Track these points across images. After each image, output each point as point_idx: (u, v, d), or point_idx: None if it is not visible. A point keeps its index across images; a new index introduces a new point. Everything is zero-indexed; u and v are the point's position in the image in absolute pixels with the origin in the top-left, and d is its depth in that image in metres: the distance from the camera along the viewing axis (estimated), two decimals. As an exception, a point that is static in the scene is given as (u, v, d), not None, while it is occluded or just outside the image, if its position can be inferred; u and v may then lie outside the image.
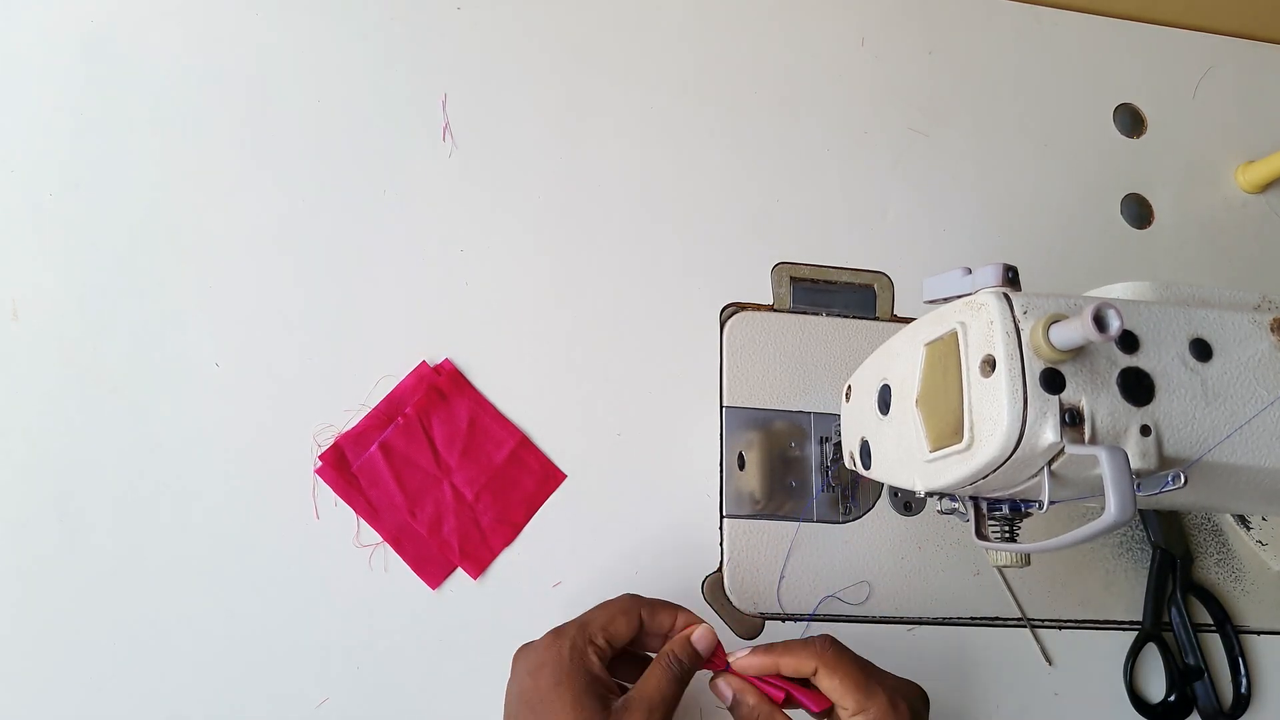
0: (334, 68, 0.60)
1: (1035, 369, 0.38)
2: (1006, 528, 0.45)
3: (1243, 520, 0.61)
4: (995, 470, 0.39)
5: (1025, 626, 0.58)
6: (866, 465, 0.49)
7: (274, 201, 0.57)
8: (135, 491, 0.51)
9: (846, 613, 0.56)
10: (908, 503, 0.59)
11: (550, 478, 0.55)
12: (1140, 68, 0.73)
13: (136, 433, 0.52)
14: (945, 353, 0.41)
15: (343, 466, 0.53)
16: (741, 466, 0.58)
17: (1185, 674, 0.58)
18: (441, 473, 0.54)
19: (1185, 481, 0.39)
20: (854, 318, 0.62)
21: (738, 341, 0.60)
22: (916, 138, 0.67)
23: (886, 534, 0.58)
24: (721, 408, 0.59)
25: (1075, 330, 0.36)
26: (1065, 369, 0.38)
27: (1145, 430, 0.38)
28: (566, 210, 0.61)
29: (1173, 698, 0.57)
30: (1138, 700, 0.57)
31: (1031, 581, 0.58)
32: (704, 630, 0.46)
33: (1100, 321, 0.35)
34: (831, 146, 0.66)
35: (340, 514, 0.53)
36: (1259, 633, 0.60)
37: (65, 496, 0.50)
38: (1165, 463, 0.39)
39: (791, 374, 0.60)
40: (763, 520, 0.57)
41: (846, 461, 0.52)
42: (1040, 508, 0.41)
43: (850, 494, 0.58)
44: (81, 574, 0.50)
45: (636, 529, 0.55)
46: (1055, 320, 0.38)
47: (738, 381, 0.59)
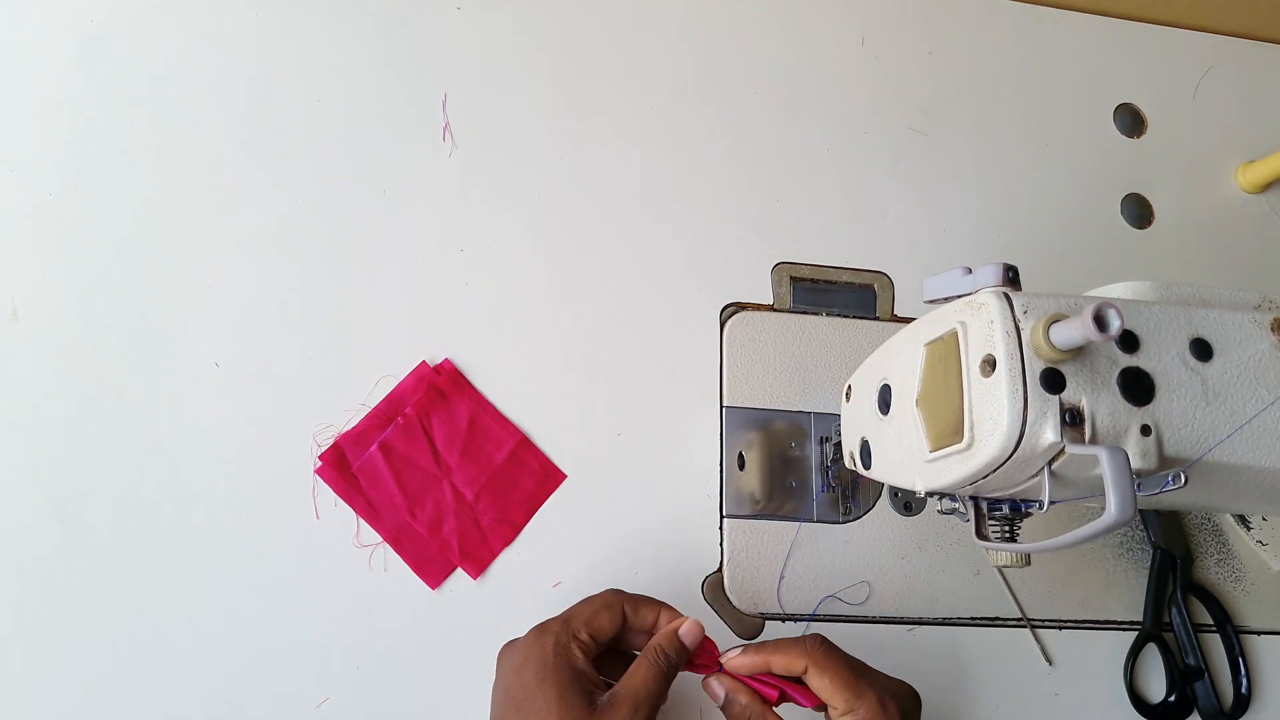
0: (334, 68, 0.60)
1: (1035, 369, 0.38)
2: (1006, 528, 0.45)
3: (1243, 520, 0.61)
4: (995, 470, 0.39)
5: (1025, 626, 0.58)
6: (866, 465, 0.49)
7: (274, 201, 0.57)
8: (135, 491, 0.51)
9: (846, 613, 0.56)
10: (908, 503, 0.59)
11: (550, 478, 0.55)
12: (1140, 68, 0.73)
13: (136, 433, 0.52)
14: (945, 352, 0.41)
15: (343, 466, 0.53)
16: (741, 466, 0.58)
17: (1185, 674, 0.58)
18: (441, 473, 0.54)
19: (1185, 481, 0.39)
20: (854, 318, 0.62)
21: (738, 341, 0.60)
22: (916, 138, 0.67)
23: (886, 534, 0.58)
24: (721, 408, 0.59)
25: (1075, 330, 0.36)
26: (1065, 369, 0.38)
27: (1145, 430, 0.38)
28: (566, 210, 0.61)
29: (1173, 698, 0.57)
30: (1138, 700, 0.57)
31: (1031, 581, 0.58)
32: (691, 624, 0.46)
33: (1100, 321, 0.35)
34: (831, 146, 0.66)
35: (340, 514, 0.53)
36: (1259, 633, 0.60)
37: (65, 496, 0.50)
38: (1165, 463, 0.39)
39: (791, 374, 0.60)
40: (763, 520, 0.57)
41: (846, 461, 0.52)
42: (1040, 508, 0.41)
43: (850, 494, 0.58)
44: (81, 574, 0.50)
45: (636, 529, 0.55)
46: (1055, 320, 0.38)
47: (738, 381, 0.59)
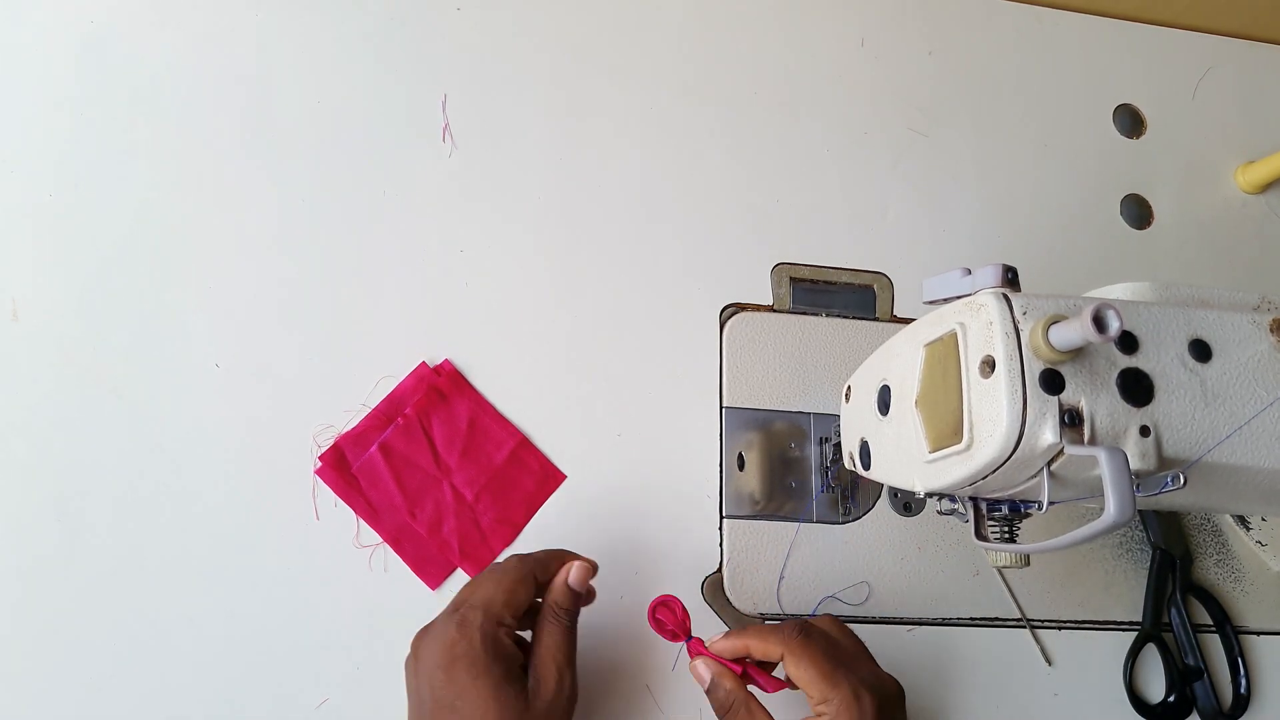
0: (334, 68, 0.60)
1: (1035, 370, 0.38)
2: (1006, 528, 0.45)
3: (1242, 520, 0.61)
4: (995, 471, 0.39)
5: (1025, 627, 0.58)
6: (866, 466, 0.49)
7: (274, 201, 0.57)
8: (135, 491, 0.51)
9: (846, 613, 0.56)
10: (907, 503, 0.59)
11: (550, 478, 0.55)
12: (1140, 68, 0.73)
13: (136, 433, 0.52)
14: (945, 353, 0.41)
15: (343, 467, 0.53)
16: (741, 467, 0.58)
17: (1185, 674, 0.58)
18: (441, 473, 0.54)
19: (1185, 482, 0.39)
20: (854, 318, 0.62)
21: (737, 342, 0.60)
22: (916, 138, 0.67)
23: (886, 534, 0.58)
24: (721, 408, 0.59)
25: (1075, 331, 0.36)
26: (1065, 370, 0.38)
27: (1145, 431, 0.38)
28: (567, 210, 0.61)
29: (1172, 698, 0.57)
30: (1137, 701, 0.57)
31: (1031, 582, 0.58)
32: (578, 569, 0.46)
33: (1100, 322, 0.35)
34: (831, 146, 0.66)
35: (340, 514, 0.53)
36: (1259, 633, 0.60)
37: (65, 496, 0.50)
38: (1165, 463, 0.39)
39: (791, 374, 0.60)
40: (763, 520, 0.57)
41: (846, 462, 0.52)
42: (1040, 508, 0.41)
43: (850, 494, 0.58)
44: (81, 574, 0.50)
45: (636, 529, 0.55)
46: (1055, 321, 0.38)
47: (737, 382, 0.59)
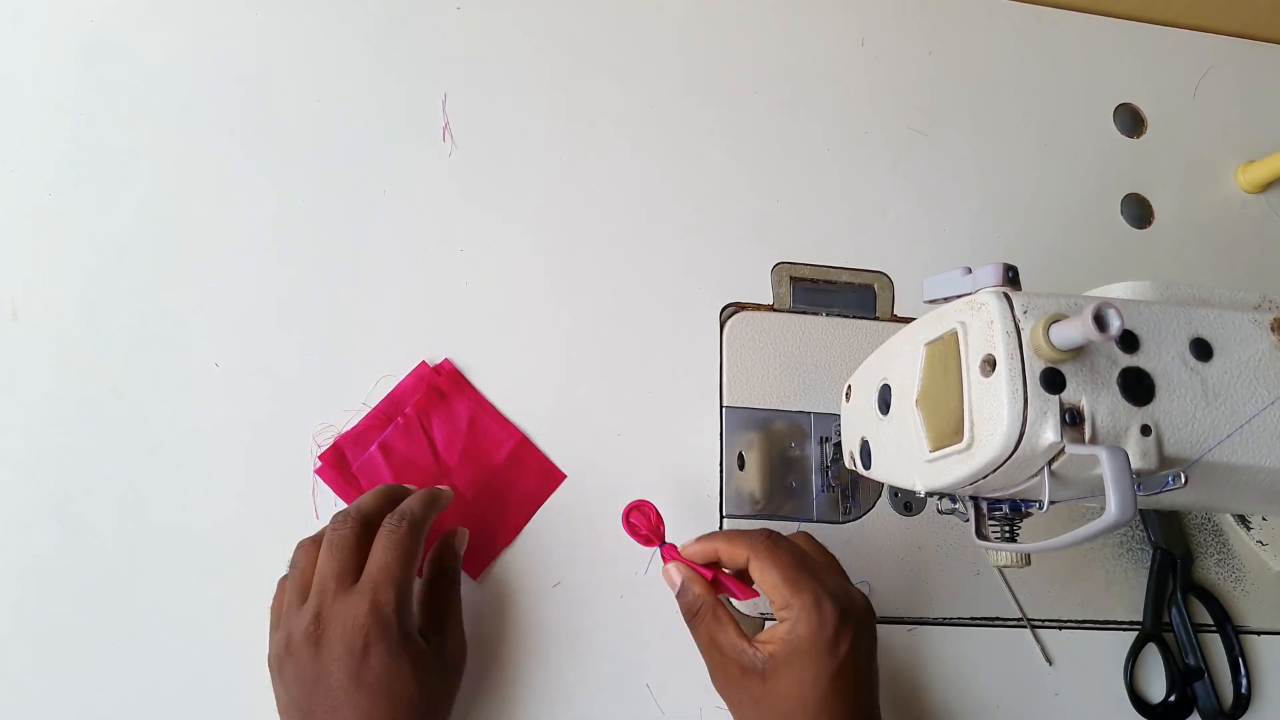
0: (334, 67, 0.60)
1: (1035, 369, 0.38)
2: (1006, 528, 0.45)
3: (1243, 520, 0.61)
4: (995, 470, 0.39)
5: (1025, 626, 0.58)
6: (866, 465, 0.49)
7: (273, 201, 0.57)
8: (135, 491, 0.51)
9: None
10: (908, 503, 0.59)
11: (550, 478, 0.55)
12: (1140, 68, 0.73)
13: (136, 433, 0.52)
14: (945, 352, 0.41)
15: (342, 466, 0.53)
16: (741, 466, 0.58)
17: (1185, 674, 0.58)
18: (441, 473, 0.54)
19: (1185, 481, 0.39)
20: (854, 318, 0.62)
21: (738, 341, 0.60)
22: (916, 138, 0.67)
23: (886, 534, 0.58)
24: (721, 408, 0.59)
25: (1075, 330, 0.36)
26: (1065, 369, 0.38)
27: (1145, 430, 0.38)
28: (567, 210, 0.61)
29: (1173, 698, 0.57)
30: (1138, 700, 0.57)
31: (1031, 581, 0.58)
32: (463, 533, 0.51)
33: (1100, 321, 0.35)
34: (831, 146, 0.66)
35: (340, 514, 0.53)
36: (1259, 633, 0.60)
37: (65, 497, 0.50)
38: (1165, 463, 0.39)
39: (791, 374, 0.60)
40: (763, 520, 0.57)
41: (846, 461, 0.52)
42: (1040, 508, 0.41)
43: (850, 494, 0.58)
44: (81, 574, 0.50)
45: (636, 529, 0.56)
46: (1055, 320, 0.38)
47: (738, 381, 0.59)
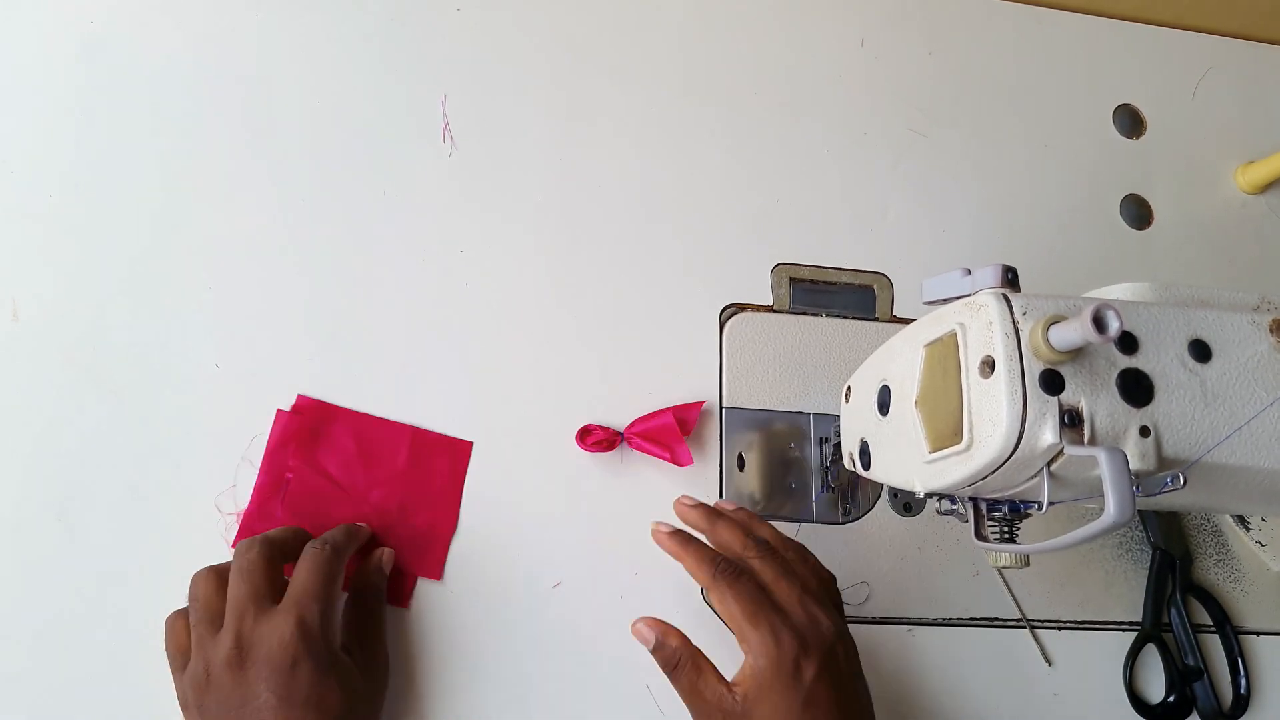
0: (334, 68, 0.60)
1: (1034, 370, 0.38)
2: (1006, 528, 0.45)
3: (1242, 521, 0.61)
4: (995, 471, 0.39)
5: (1025, 627, 0.58)
6: (866, 466, 0.49)
7: (273, 202, 0.57)
8: (135, 491, 0.51)
9: (846, 613, 0.56)
10: (907, 503, 0.59)
11: (458, 451, 0.54)
12: (1140, 68, 0.73)
13: (136, 433, 0.52)
14: (945, 354, 0.41)
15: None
16: (741, 467, 0.58)
17: (1185, 675, 0.58)
18: (356, 501, 0.52)
19: (1184, 482, 0.39)
20: (854, 318, 0.62)
21: (737, 342, 0.60)
22: (916, 138, 0.67)
23: (886, 535, 0.58)
24: (721, 408, 0.59)
25: (1075, 331, 0.36)
26: (1064, 370, 0.38)
27: (1144, 431, 0.38)
28: (566, 211, 0.61)
29: (1172, 698, 0.57)
30: (1137, 701, 0.57)
31: (1031, 582, 0.58)
32: (389, 554, 0.51)
33: (1100, 322, 0.35)
34: (831, 147, 0.66)
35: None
36: (1259, 633, 0.60)
37: (65, 497, 0.50)
38: (1164, 464, 0.39)
39: (791, 374, 0.60)
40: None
41: (846, 462, 0.52)
42: (1040, 508, 0.41)
43: (850, 495, 0.58)
44: (81, 574, 0.50)
45: (636, 529, 0.55)
46: (1055, 321, 0.38)
47: (737, 382, 0.59)
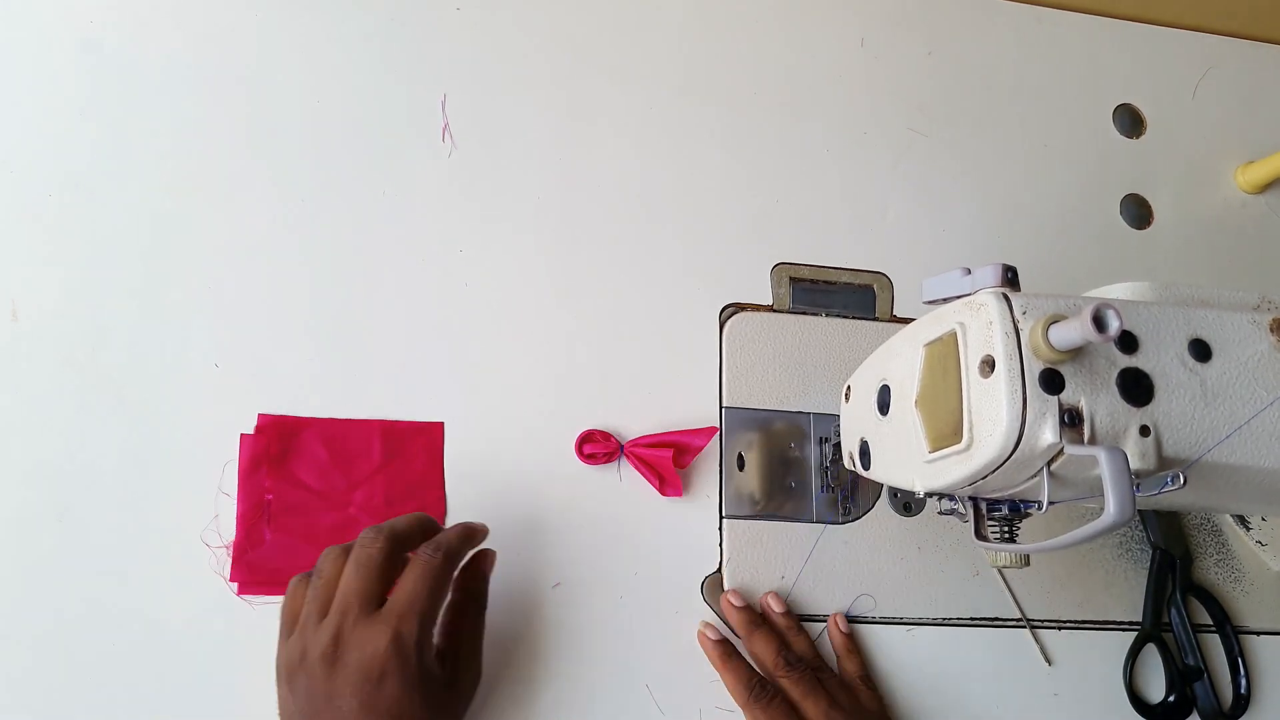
0: (333, 68, 0.60)
1: (1034, 369, 0.38)
2: (1006, 528, 0.45)
3: (1242, 520, 0.61)
4: (995, 471, 0.39)
5: (1025, 627, 0.58)
6: (866, 466, 0.49)
7: (273, 201, 0.57)
8: (135, 491, 0.51)
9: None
10: (907, 503, 0.59)
11: (432, 435, 0.54)
12: (1140, 68, 0.73)
13: (136, 433, 0.52)
14: (945, 353, 0.41)
15: (255, 568, 0.50)
16: (741, 467, 0.58)
17: (1185, 674, 0.58)
18: (341, 505, 0.52)
19: (1185, 482, 0.39)
20: (854, 318, 0.62)
21: (737, 342, 0.60)
22: (916, 138, 0.67)
23: (886, 534, 0.58)
24: (721, 408, 0.59)
25: (1074, 331, 0.36)
26: (1064, 369, 0.38)
27: (1144, 431, 0.38)
28: (566, 211, 0.61)
29: (1172, 698, 0.57)
30: (1137, 701, 0.57)
31: (1031, 582, 0.58)
32: (493, 557, 0.50)
33: (1099, 322, 0.35)
34: (831, 147, 0.66)
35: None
36: (1259, 633, 0.60)
37: (65, 497, 0.50)
38: (1164, 463, 0.39)
39: (791, 374, 0.60)
40: (762, 521, 0.57)
41: (846, 462, 0.52)
42: (1040, 508, 0.41)
43: (850, 495, 0.58)
44: (81, 574, 0.50)
45: (637, 529, 0.55)
46: (1054, 321, 0.38)
47: (737, 382, 0.59)
